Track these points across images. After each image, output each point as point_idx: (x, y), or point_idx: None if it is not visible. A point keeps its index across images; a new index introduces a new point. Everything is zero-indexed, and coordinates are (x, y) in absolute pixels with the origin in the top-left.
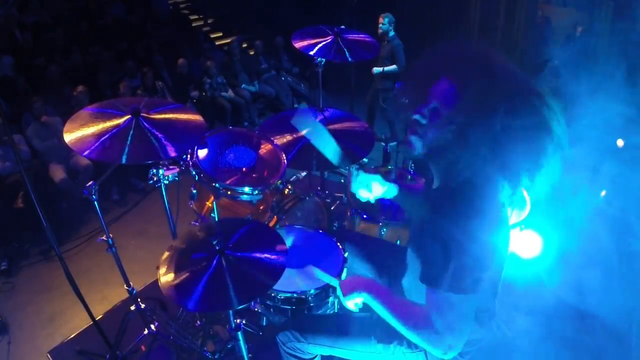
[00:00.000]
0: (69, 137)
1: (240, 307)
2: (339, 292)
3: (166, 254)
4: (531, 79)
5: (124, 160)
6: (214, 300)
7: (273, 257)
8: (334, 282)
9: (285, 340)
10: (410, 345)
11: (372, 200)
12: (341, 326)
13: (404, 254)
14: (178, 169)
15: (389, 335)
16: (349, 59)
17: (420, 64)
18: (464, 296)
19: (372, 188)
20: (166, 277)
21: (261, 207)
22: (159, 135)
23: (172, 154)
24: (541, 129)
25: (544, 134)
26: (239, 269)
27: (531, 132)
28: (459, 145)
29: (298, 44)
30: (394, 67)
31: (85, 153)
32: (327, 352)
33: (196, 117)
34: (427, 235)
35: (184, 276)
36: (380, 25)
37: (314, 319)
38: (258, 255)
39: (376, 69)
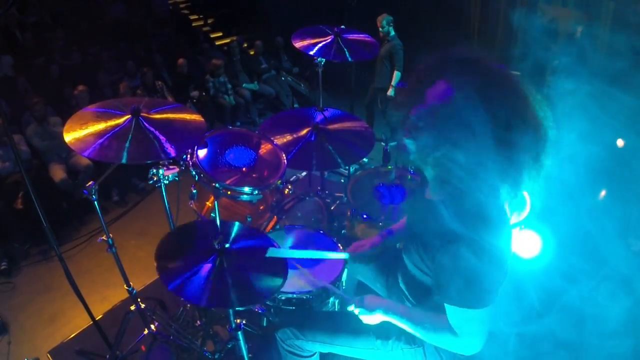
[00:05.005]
0: (69, 136)
1: (239, 308)
2: (361, 311)
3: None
4: (522, 81)
5: (124, 160)
6: (212, 296)
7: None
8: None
9: (285, 338)
10: (409, 341)
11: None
12: (340, 323)
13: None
14: (178, 169)
15: (387, 331)
16: (349, 59)
17: (418, 68)
18: (484, 309)
19: None
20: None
21: (261, 207)
22: (159, 135)
23: (172, 154)
24: (537, 125)
25: (540, 129)
26: (237, 270)
27: (530, 130)
28: (458, 153)
29: (298, 44)
30: (397, 74)
31: (86, 153)
32: (326, 349)
33: (196, 117)
34: (444, 257)
35: (181, 265)
36: (380, 29)
37: (313, 316)
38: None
39: (391, 92)
